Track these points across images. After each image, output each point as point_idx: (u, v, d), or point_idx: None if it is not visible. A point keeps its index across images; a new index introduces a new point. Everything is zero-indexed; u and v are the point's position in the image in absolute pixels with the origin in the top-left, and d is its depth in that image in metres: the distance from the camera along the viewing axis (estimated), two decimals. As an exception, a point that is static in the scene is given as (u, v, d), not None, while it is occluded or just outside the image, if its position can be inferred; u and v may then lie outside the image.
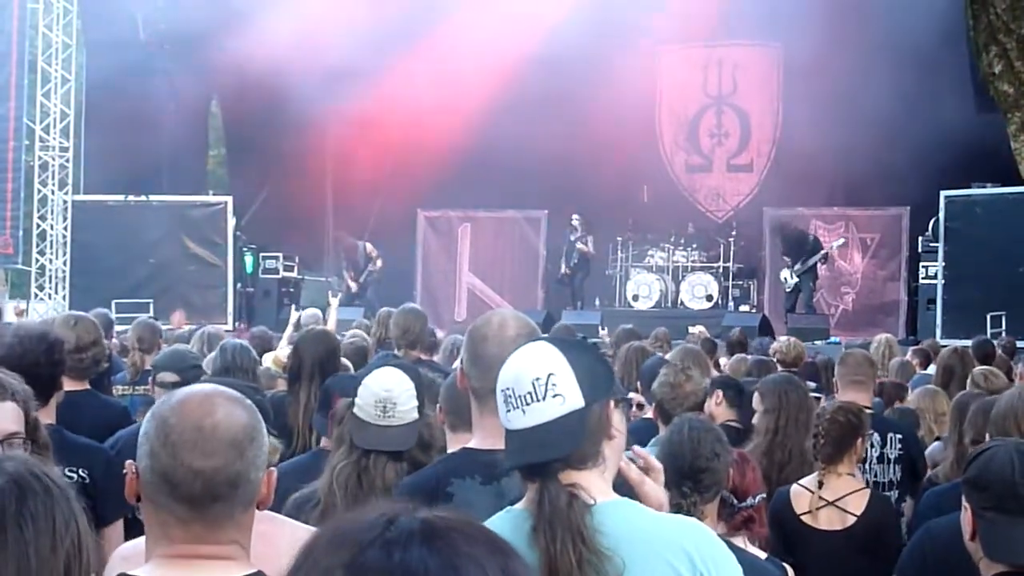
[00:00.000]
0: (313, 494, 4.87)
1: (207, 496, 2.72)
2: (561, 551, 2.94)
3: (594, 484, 3.04)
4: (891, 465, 7.56)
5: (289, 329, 14.24)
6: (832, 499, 6.31)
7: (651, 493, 3.19)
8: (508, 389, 3.09)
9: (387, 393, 4.78)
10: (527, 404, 3.04)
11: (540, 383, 3.03)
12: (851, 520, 6.30)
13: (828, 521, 6.30)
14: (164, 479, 2.72)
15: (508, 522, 3.05)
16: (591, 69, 23.81)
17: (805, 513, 6.30)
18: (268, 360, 9.62)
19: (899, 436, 7.64)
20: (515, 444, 3.08)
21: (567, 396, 3.03)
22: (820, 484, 6.36)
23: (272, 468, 2.93)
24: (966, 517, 3.79)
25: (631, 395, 7.02)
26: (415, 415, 4.78)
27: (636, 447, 3.23)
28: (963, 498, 3.82)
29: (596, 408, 3.06)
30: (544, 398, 3.03)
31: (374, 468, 4.74)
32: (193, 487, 2.71)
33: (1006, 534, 3.69)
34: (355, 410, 4.81)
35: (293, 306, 16.80)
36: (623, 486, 3.18)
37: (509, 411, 3.08)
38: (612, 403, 3.13)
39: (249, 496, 2.80)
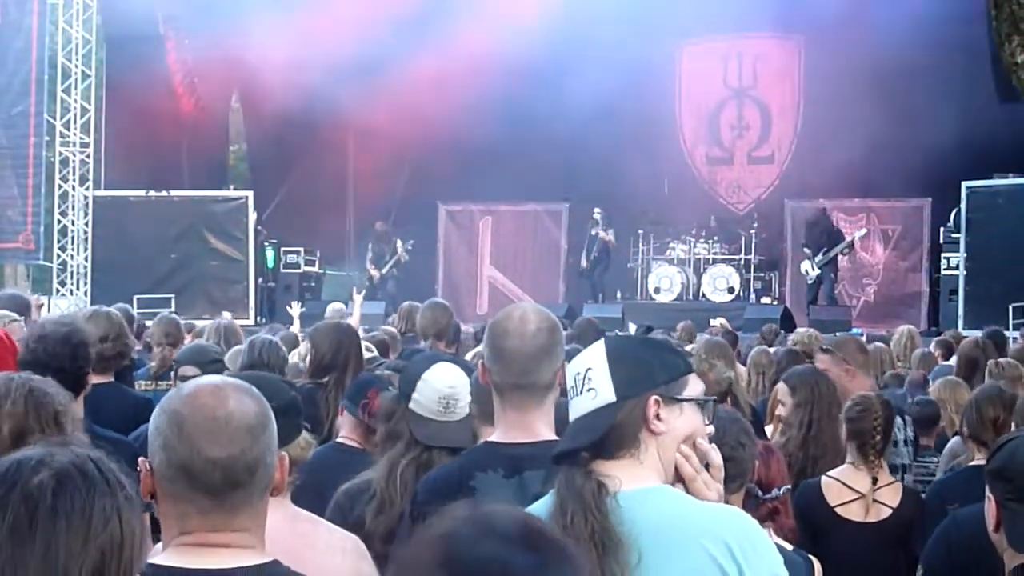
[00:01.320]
0: (366, 485, 4.87)
1: (227, 484, 2.76)
2: (573, 524, 3.00)
3: (628, 472, 3.08)
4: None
5: (296, 324, 14.31)
6: (866, 491, 6.28)
7: (702, 490, 3.20)
8: (566, 383, 3.28)
9: (451, 390, 4.79)
10: (571, 398, 3.21)
11: (580, 377, 3.18)
12: (886, 513, 6.28)
13: (862, 513, 6.28)
14: (183, 471, 2.75)
15: (548, 502, 3.15)
16: (612, 62, 23.75)
17: (839, 504, 6.27)
18: (293, 356, 9.64)
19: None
20: (565, 434, 3.29)
21: (600, 391, 3.13)
22: (872, 478, 6.32)
23: (283, 453, 2.99)
24: (990, 508, 3.78)
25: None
26: (467, 410, 4.79)
27: (699, 441, 3.24)
28: (987, 489, 3.81)
29: (632, 404, 3.12)
30: (581, 392, 3.17)
31: (437, 464, 4.70)
32: (213, 476, 2.74)
33: None
34: (413, 405, 4.81)
35: (293, 302, 16.80)
36: None
37: (569, 400, 3.25)
38: (654, 399, 3.14)
39: (266, 481, 2.84)
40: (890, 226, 26.40)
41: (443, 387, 4.78)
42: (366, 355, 8.17)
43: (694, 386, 3.25)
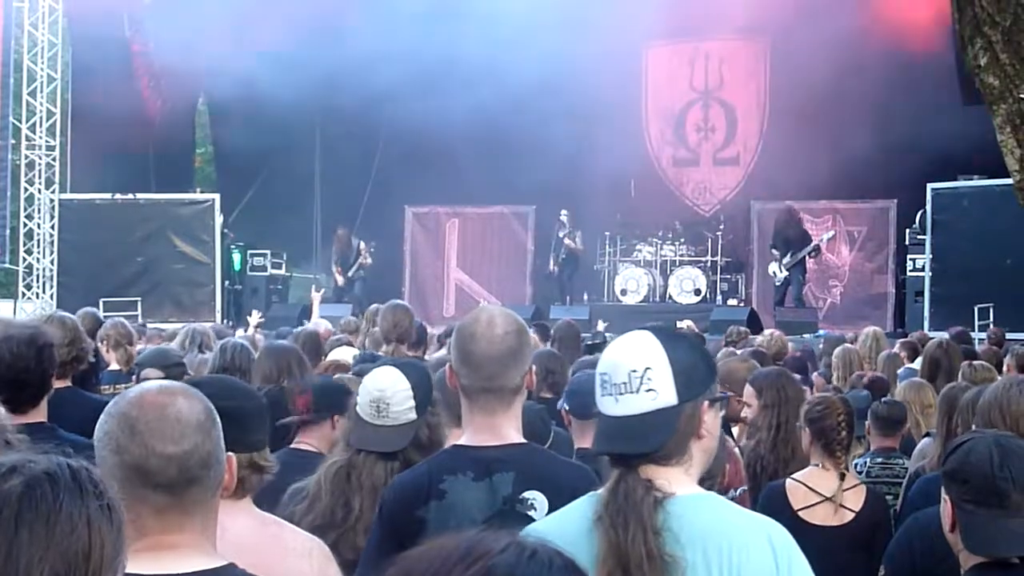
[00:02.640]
0: (306, 486, 4.92)
1: (183, 480, 2.79)
2: (632, 542, 2.99)
3: (676, 479, 3.09)
4: None
5: (251, 331, 14.35)
6: (830, 494, 6.26)
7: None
8: (605, 375, 3.16)
9: (380, 393, 4.77)
10: (620, 394, 3.11)
11: (636, 375, 3.10)
12: (849, 516, 6.26)
13: (825, 517, 6.24)
14: (137, 470, 2.78)
15: (592, 505, 3.13)
16: (577, 65, 23.82)
17: (802, 508, 6.22)
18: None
19: None
20: (603, 429, 3.18)
21: (660, 392, 3.09)
22: (840, 474, 6.34)
23: (231, 454, 2.99)
24: (946, 509, 3.82)
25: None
26: (412, 416, 4.76)
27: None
28: (942, 490, 3.86)
29: (689, 407, 3.11)
30: (638, 391, 3.09)
31: (363, 466, 4.76)
32: (169, 472, 2.78)
33: (984, 527, 3.72)
34: (356, 408, 4.84)
35: (254, 311, 16.84)
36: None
37: (603, 395, 3.16)
38: (707, 403, 3.16)
39: (218, 479, 2.89)
40: (856, 227, 26.45)
41: (373, 390, 4.78)
42: (332, 359, 8.21)
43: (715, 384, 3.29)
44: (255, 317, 15.69)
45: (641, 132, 28.58)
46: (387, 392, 4.77)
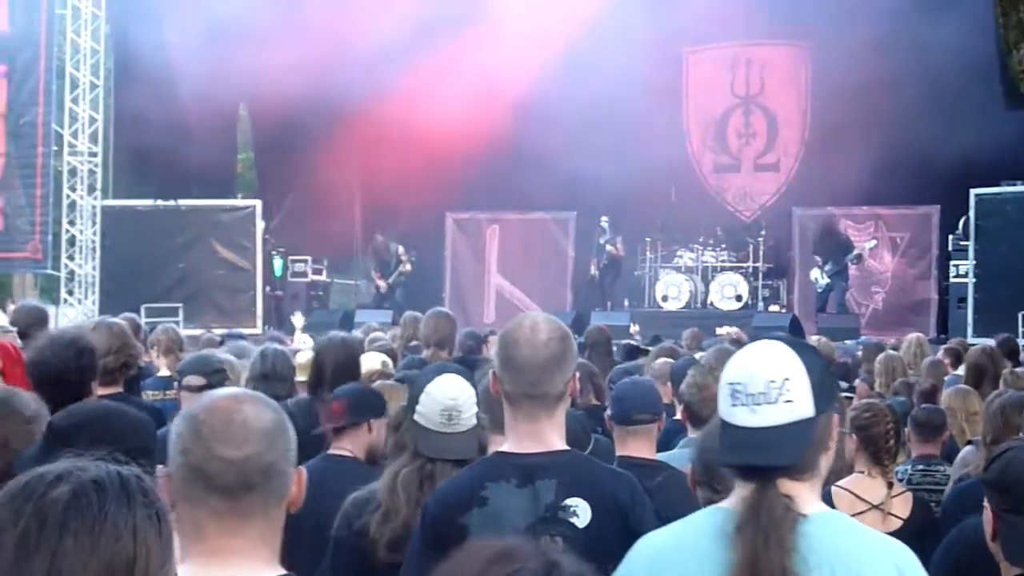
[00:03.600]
0: (372, 495, 4.91)
1: (241, 485, 2.81)
2: (770, 560, 2.96)
3: (806, 496, 3.07)
4: None
5: (297, 335, 14.42)
6: (877, 502, 6.24)
7: None
8: (738, 384, 3.10)
9: (453, 401, 4.77)
10: (757, 404, 3.05)
11: (775, 386, 3.05)
12: (897, 524, 6.19)
13: (873, 524, 6.13)
14: (198, 472, 2.81)
15: (716, 518, 3.10)
16: (618, 70, 23.77)
17: (852, 516, 6.18)
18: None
19: None
20: (735, 440, 3.10)
21: (798, 403, 3.04)
22: (888, 483, 6.30)
23: (302, 468, 3.00)
24: (987, 517, 3.78)
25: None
26: (475, 421, 4.80)
27: None
28: (985, 498, 3.82)
29: (823, 419, 3.08)
30: (776, 401, 3.04)
31: (441, 475, 4.72)
32: (227, 476, 2.80)
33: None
34: (417, 417, 4.82)
35: (297, 312, 16.90)
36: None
37: (735, 406, 3.09)
38: (835, 416, 3.15)
39: (282, 489, 2.89)
40: (898, 234, 26.34)
41: (445, 399, 4.77)
42: (377, 367, 8.24)
43: None
44: (299, 318, 15.73)
45: (682, 138, 28.53)
46: (459, 400, 4.78)
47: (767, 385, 3.05)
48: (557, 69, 24.25)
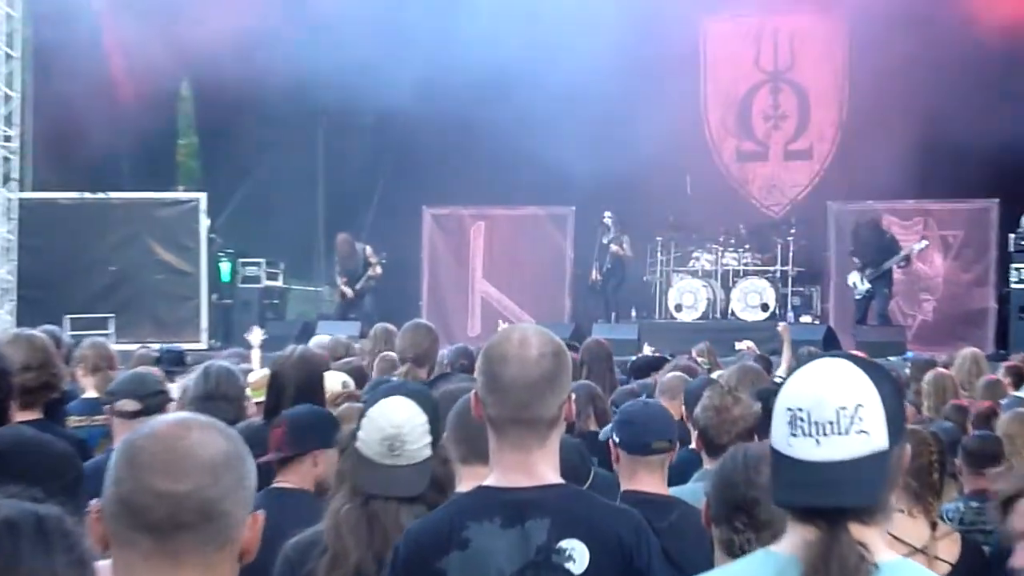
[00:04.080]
0: (317, 537, 4.89)
1: (172, 524, 2.77)
2: None
3: (876, 542, 3.03)
4: None
5: (256, 352, 14.38)
6: (920, 545, 6.17)
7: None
8: (801, 411, 3.01)
9: (395, 429, 4.74)
10: (824, 434, 2.97)
11: (846, 413, 2.97)
12: (944, 569, 6.17)
13: None
14: (126, 506, 2.78)
15: (771, 566, 3.05)
16: (624, 43, 23.79)
17: None
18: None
19: None
20: (796, 477, 3.02)
21: (873, 434, 2.98)
22: (932, 523, 6.29)
23: (260, 512, 2.97)
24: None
25: None
26: (427, 452, 4.75)
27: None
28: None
29: (897, 452, 3.03)
30: (848, 432, 2.97)
31: (384, 515, 4.71)
32: (156, 513, 2.77)
33: None
34: (358, 445, 4.80)
35: (255, 328, 16.80)
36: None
37: (795, 435, 3.01)
38: (908, 448, 3.11)
39: (225, 533, 2.85)
40: (951, 232, 26.32)
41: (387, 426, 4.74)
42: (339, 389, 8.27)
43: None
44: (257, 334, 15.65)
45: (699, 120, 28.57)
46: (404, 428, 4.73)
47: (837, 412, 2.97)
48: (552, 40, 24.21)
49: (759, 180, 28.71)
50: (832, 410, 2.97)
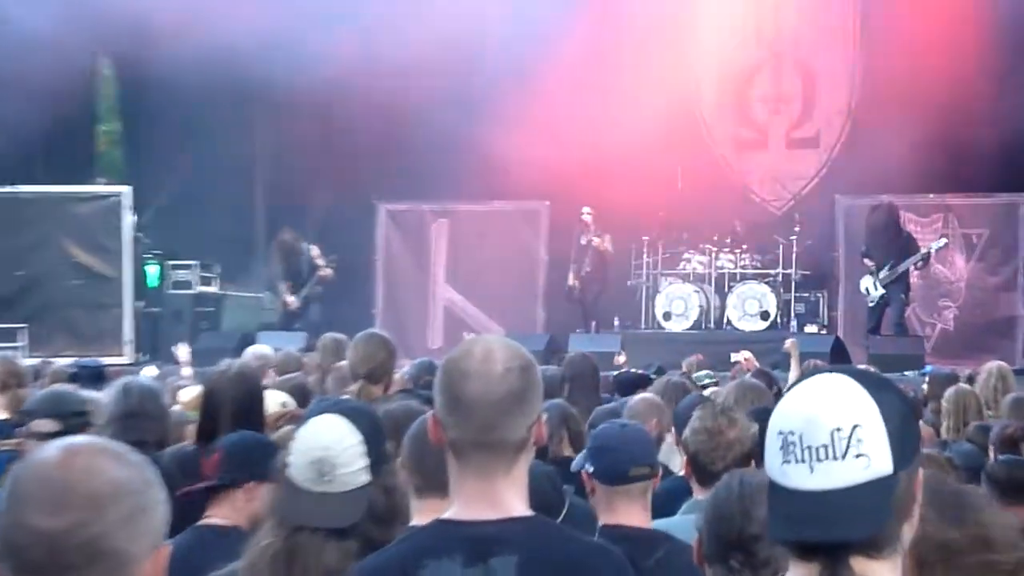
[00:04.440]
0: None
1: (53, 565, 2.75)
2: None
3: None
4: None
5: (187, 371, 14.38)
6: None
7: None
8: (792, 435, 2.98)
9: (324, 452, 4.70)
10: (818, 460, 2.94)
11: (842, 435, 2.94)
12: None
13: None
14: (6, 546, 2.77)
15: None
16: (602, 13, 23.81)
17: None
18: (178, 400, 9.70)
19: None
20: (790, 509, 2.98)
21: (873, 458, 2.94)
22: None
23: (166, 544, 2.94)
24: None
25: None
26: (364, 478, 4.72)
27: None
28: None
29: (905, 477, 2.98)
30: (844, 456, 2.94)
31: (308, 550, 4.67)
32: (34, 553, 2.74)
33: None
34: (288, 471, 4.76)
35: (181, 344, 16.77)
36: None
37: (787, 462, 2.98)
38: (921, 473, 3.07)
39: (117, 573, 2.81)
40: (975, 230, 26.37)
41: (314, 447, 4.72)
42: (277, 408, 8.27)
43: None
44: (184, 352, 15.66)
45: (689, 103, 28.58)
46: (333, 449, 4.70)
47: (832, 435, 2.94)
48: (521, 12, 24.20)
49: (758, 172, 28.78)
50: (826, 432, 2.94)
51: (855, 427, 2.93)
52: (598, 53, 24.48)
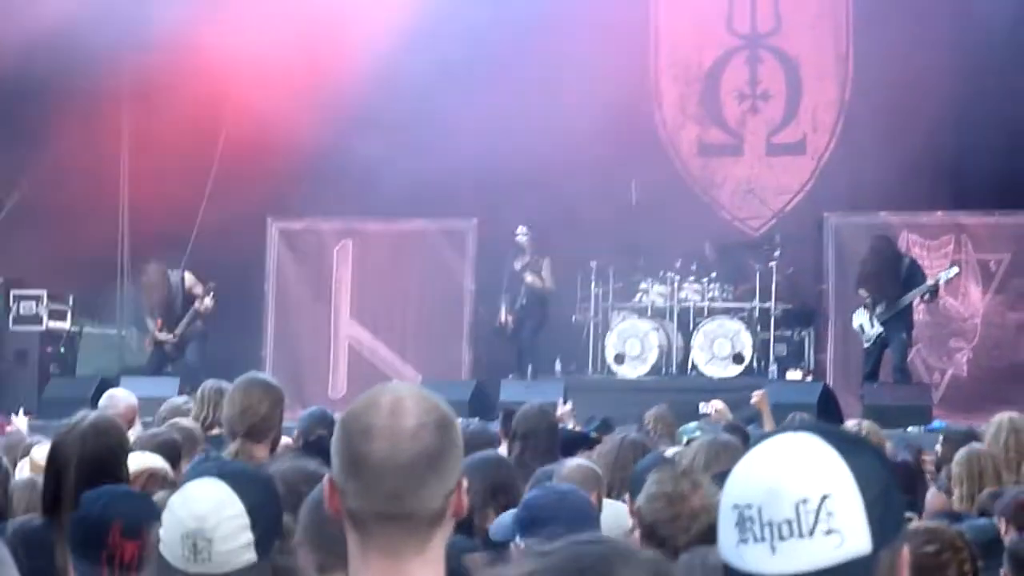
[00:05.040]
0: None
1: None
2: None
3: None
4: None
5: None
6: None
7: None
8: (749, 508, 2.99)
9: (198, 524, 4.70)
10: (781, 538, 2.94)
11: (809, 508, 2.93)
12: None
13: None
14: None
15: None
16: (544, 3, 23.94)
17: None
18: (24, 466, 9.67)
19: None
20: None
21: (847, 535, 2.93)
22: None
23: None
24: None
25: None
26: (249, 556, 4.72)
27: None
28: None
29: (886, 557, 2.98)
30: (812, 533, 2.92)
31: None
32: None
33: None
34: (161, 546, 4.77)
35: (15, 414, 16.75)
36: None
37: (744, 542, 2.98)
38: (906, 549, 3.07)
39: None
40: (992, 255, 26.44)
41: (187, 518, 4.72)
42: (143, 467, 8.27)
43: None
44: (22, 420, 15.66)
45: (648, 101, 28.68)
46: (208, 520, 4.69)
47: (796, 508, 2.93)
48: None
49: (731, 183, 28.84)
50: (790, 505, 2.93)
51: (824, 498, 2.92)
52: (535, 46, 24.54)
